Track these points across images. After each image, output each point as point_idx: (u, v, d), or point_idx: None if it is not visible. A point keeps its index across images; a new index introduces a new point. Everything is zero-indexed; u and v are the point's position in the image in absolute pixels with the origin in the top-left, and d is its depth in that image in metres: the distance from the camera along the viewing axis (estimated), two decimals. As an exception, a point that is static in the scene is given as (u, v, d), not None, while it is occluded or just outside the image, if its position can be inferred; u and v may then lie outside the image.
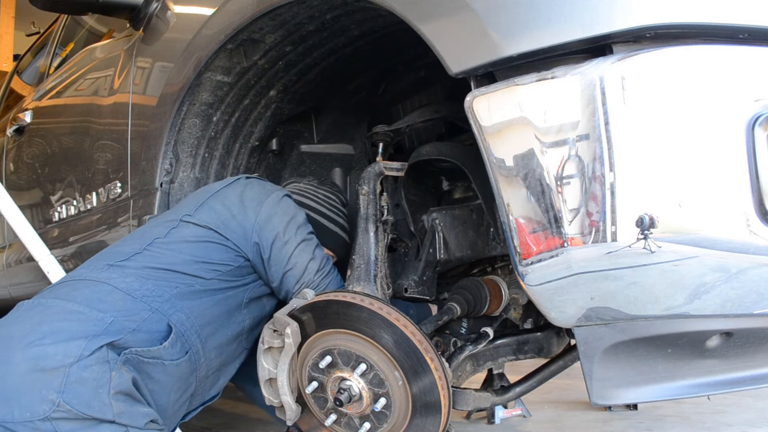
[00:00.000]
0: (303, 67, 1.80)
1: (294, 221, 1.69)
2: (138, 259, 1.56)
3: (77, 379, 1.30)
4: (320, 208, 1.87)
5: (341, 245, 1.89)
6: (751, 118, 1.01)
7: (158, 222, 1.72)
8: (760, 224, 1.00)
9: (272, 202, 1.69)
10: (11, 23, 6.66)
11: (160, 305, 1.48)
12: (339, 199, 1.95)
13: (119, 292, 1.46)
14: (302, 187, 1.91)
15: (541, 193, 1.10)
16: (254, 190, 1.72)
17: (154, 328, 1.45)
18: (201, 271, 1.57)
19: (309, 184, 1.93)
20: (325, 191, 1.93)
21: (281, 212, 1.69)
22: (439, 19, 1.19)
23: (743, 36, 1.04)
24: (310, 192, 1.90)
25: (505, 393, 1.84)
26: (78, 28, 3.25)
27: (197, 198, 1.74)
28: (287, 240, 1.66)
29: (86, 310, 1.39)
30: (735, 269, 1.03)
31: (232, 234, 1.64)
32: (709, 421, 2.87)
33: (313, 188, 1.92)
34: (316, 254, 1.70)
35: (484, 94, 1.15)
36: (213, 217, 1.66)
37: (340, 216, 1.91)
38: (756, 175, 1.00)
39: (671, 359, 1.22)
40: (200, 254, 1.60)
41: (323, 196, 1.91)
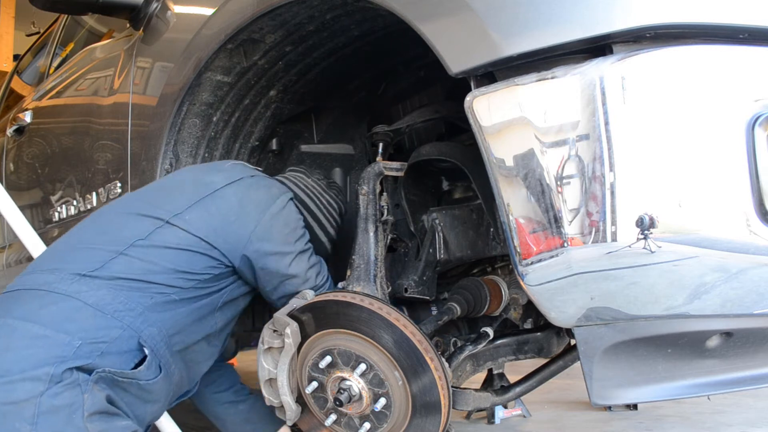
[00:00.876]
0: (303, 67, 1.80)
1: (294, 232, 1.64)
2: (113, 267, 1.45)
3: (48, 408, 1.26)
4: (319, 216, 1.81)
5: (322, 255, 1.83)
6: (751, 118, 1.01)
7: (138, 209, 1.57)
8: (760, 224, 1.00)
9: (275, 211, 1.61)
10: (11, 23, 6.66)
11: (131, 321, 1.41)
12: (339, 208, 1.89)
13: (89, 309, 1.38)
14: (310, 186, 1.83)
15: (541, 193, 1.10)
16: (258, 195, 1.63)
17: (125, 347, 1.40)
18: (180, 281, 1.49)
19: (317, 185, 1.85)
20: (329, 198, 1.85)
21: (282, 222, 1.62)
22: (439, 19, 1.19)
23: (743, 36, 1.04)
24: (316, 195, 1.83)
25: (505, 393, 1.84)
26: (78, 28, 3.25)
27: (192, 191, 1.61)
28: (287, 251, 1.60)
29: (52, 334, 1.32)
30: (735, 269, 1.03)
31: (222, 243, 1.54)
32: (709, 421, 2.87)
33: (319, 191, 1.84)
34: (313, 261, 1.66)
35: (484, 94, 1.15)
36: (205, 222, 1.55)
37: (333, 227, 1.85)
38: (756, 175, 1.00)
39: (671, 359, 1.22)
40: (182, 264, 1.50)
41: (326, 203, 1.83)
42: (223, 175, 1.66)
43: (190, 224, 1.53)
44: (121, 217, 1.58)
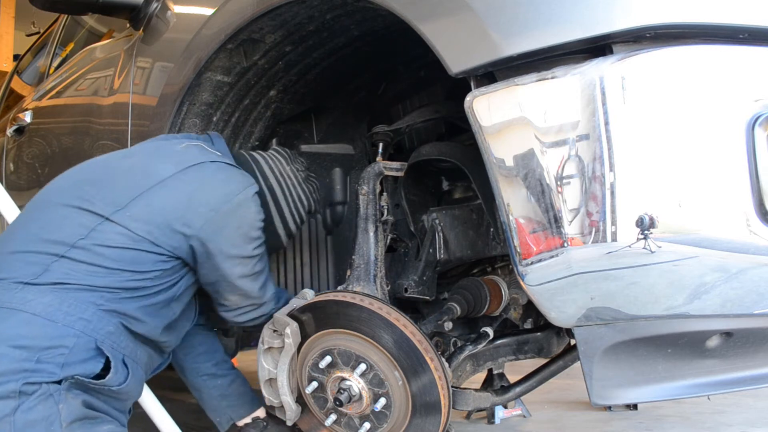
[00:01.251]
0: (303, 67, 1.80)
1: (248, 236, 1.51)
2: (55, 273, 1.36)
3: (24, 424, 1.24)
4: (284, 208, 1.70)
5: (273, 248, 1.75)
6: (751, 118, 1.01)
7: (78, 198, 1.45)
8: (760, 224, 1.00)
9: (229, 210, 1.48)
10: (11, 23, 6.66)
11: (84, 326, 1.35)
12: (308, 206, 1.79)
13: (38, 319, 1.31)
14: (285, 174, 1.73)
15: (541, 193, 1.10)
16: (212, 188, 1.48)
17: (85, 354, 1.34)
18: (128, 282, 1.41)
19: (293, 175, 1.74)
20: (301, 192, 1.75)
21: (236, 224, 1.49)
22: (439, 19, 1.19)
23: (743, 36, 1.04)
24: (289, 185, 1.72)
25: (505, 393, 1.84)
26: (78, 28, 3.25)
27: (136, 181, 1.47)
28: (233, 254, 1.49)
29: (8, 351, 1.27)
30: (735, 269, 1.03)
31: (167, 241, 1.44)
32: (709, 421, 2.87)
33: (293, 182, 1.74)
34: (258, 268, 1.55)
35: (484, 94, 1.15)
36: (147, 218, 1.42)
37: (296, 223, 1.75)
38: (756, 175, 1.00)
39: (671, 359, 1.22)
40: (128, 263, 1.41)
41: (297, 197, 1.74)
42: (174, 161, 1.52)
43: (132, 221, 1.42)
44: (59, 210, 1.46)
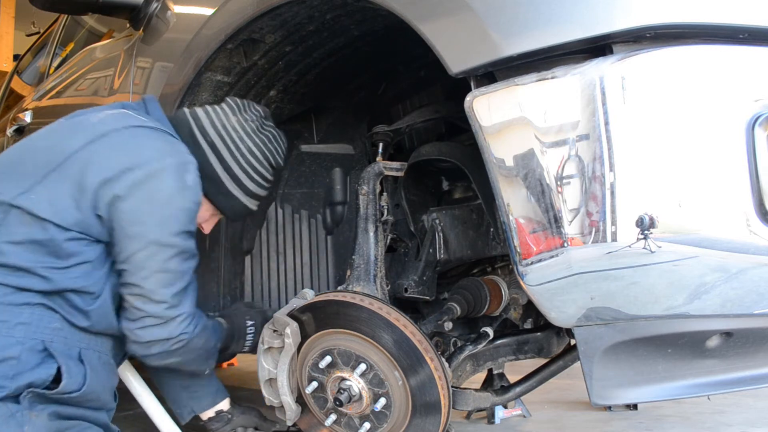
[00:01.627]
0: (303, 67, 1.80)
1: (162, 215, 1.29)
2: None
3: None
4: (233, 166, 1.49)
5: (237, 212, 1.56)
6: (751, 118, 1.01)
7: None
8: (760, 224, 1.00)
9: (137, 182, 1.27)
10: (11, 23, 6.66)
11: (24, 331, 1.25)
12: (268, 159, 1.56)
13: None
14: (230, 127, 1.52)
15: (541, 193, 1.10)
16: (119, 158, 1.29)
17: (35, 359, 1.24)
18: (52, 276, 1.27)
19: (243, 127, 1.53)
20: (253, 145, 1.53)
21: (145, 196, 1.28)
22: (439, 19, 1.19)
23: (743, 36, 1.04)
24: (235, 138, 1.51)
25: (505, 393, 1.84)
26: (78, 28, 3.25)
27: (46, 158, 1.31)
28: (140, 234, 1.29)
29: None
30: (735, 269, 1.03)
31: (74, 219, 1.28)
32: (709, 421, 2.87)
33: (242, 135, 1.52)
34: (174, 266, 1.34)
35: (484, 94, 1.15)
36: (50, 198, 1.26)
37: (258, 182, 1.54)
38: (756, 175, 1.00)
39: (671, 359, 1.22)
40: (42, 257, 1.27)
41: (246, 151, 1.51)
42: (86, 132, 1.35)
43: (35, 204, 1.27)
44: None
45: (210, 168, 1.48)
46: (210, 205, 1.55)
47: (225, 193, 1.52)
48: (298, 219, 2.16)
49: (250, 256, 2.11)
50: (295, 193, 2.16)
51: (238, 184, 1.53)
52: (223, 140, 1.51)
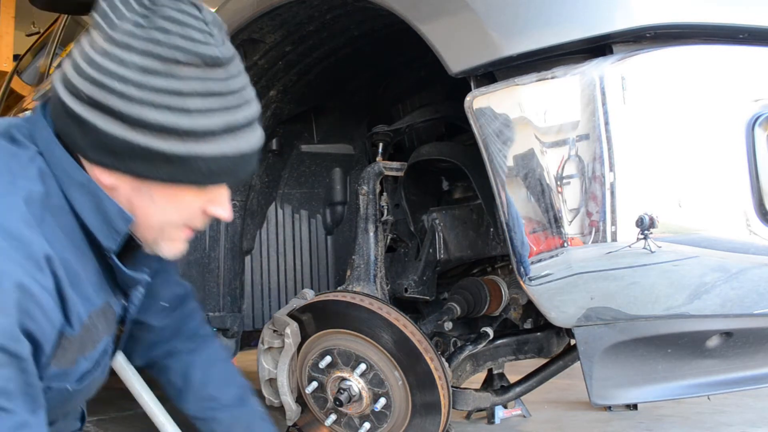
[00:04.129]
0: (303, 67, 1.80)
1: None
2: None
3: None
4: (130, 109, 0.92)
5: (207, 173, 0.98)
6: (751, 118, 1.01)
7: None
8: (760, 224, 1.00)
9: None
10: (11, 23, 6.67)
11: None
12: (180, 55, 0.93)
13: None
14: (101, 51, 0.94)
15: (541, 193, 1.10)
16: None
17: None
18: None
19: (118, 36, 0.94)
20: (143, 50, 0.93)
21: None
22: (439, 19, 1.19)
23: (743, 36, 1.04)
24: (113, 66, 0.93)
25: (505, 393, 1.84)
26: (78, 28, 3.25)
27: None
28: None
29: None
30: (735, 269, 1.03)
31: None
32: (709, 421, 2.87)
33: (119, 52, 0.93)
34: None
35: (484, 94, 1.15)
36: None
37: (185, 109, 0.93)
38: (756, 175, 1.00)
39: (671, 359, 1.22)
40: None
41: (137, 72, 0.92)
42: None
43: None
44: None
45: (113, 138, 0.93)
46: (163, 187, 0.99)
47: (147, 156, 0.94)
48: (298, 219, 2.16)
49: (250, 256, 2.11)
50: (295, 193, 2.16)
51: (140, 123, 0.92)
52: (100, 83, 0.93)
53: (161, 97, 0.92)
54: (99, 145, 0.95)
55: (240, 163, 1.00)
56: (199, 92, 0.95)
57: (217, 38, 0.98)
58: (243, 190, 2.02)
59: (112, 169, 0.97)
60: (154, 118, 0.92)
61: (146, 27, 0.94)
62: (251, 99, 1.04)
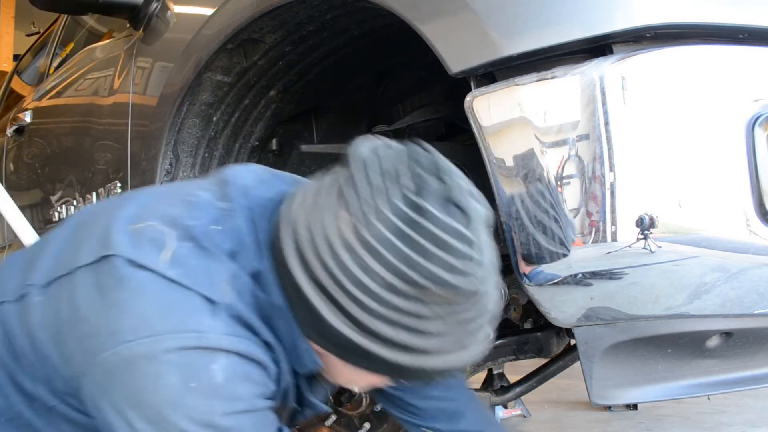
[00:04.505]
0: (303, 67, 1.80)
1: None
2: None
3: None
4: (358, 313, 0.85)
5: (410, 376, 0.93)
6: (750, 118, 1.01)
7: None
8: (760, 224, 1.00)
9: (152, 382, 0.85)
10: (11, 23, 6.66)
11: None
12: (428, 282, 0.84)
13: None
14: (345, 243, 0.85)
15: (541, 193, 1.10)
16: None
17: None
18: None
19: (378, 228, 0.84)
20: (390, 261, 0.83)
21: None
22: (439, 19, 1.19)
23: (743, 36, 1.04)
24: (357, 260, 0.84)
25: (505, 393, 1.84)
26: (78, 28, 3.25)
27: (62, 256, 0.98)
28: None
29: None
30: (735, 269, 1.03)
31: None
32: (709, 421, 2.87)
33: (374, 247, 0.84)
34: None
35: (484, 94, 1.15)
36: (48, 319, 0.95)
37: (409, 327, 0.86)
38: (756, 175, 1.00)
39: (671, 359, 1.22)
40: None
41: (380, 276, 0.84)
42: (112, 240, 0.92)
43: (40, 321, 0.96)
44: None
45: (337, 333, 0.88)
46: (357, 370, 0.95)
47: (366, 355, 0.89)
48: (298, 219, 2.15)
49: (250, 256, 2.10)
50: (295, 193, 2.15)
51: (361, 328, 0.87)
52: (338, 281, 0.86)
53: (401, 316, 0.85)
54: (319, 329, 0.90)
55: (460, 367, 0.96)
56: (444, 318, 0.87)
57: (481, 261, 0.89)
58: (243, 190, 2.02)
59: (324, 348, 0.94)
60: (388, 333, 0.86)
61: (405, 242, 0.83)
62: (493, 308, 0.95)
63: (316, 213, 0.89)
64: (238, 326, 0.91)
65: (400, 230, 0.83)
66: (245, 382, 0.89)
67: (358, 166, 0.89)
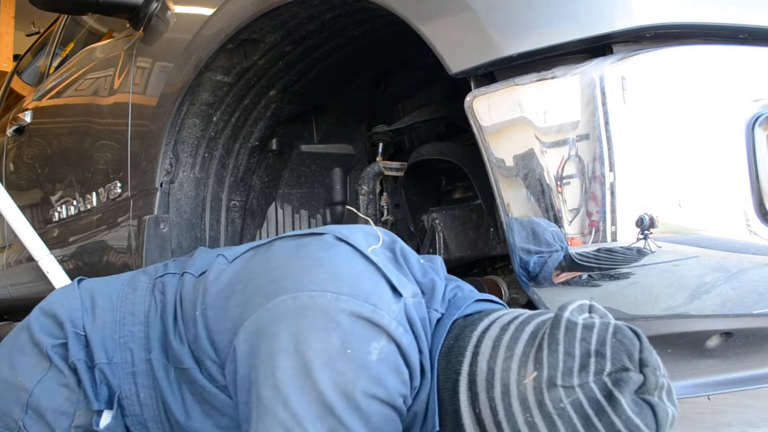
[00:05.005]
0: (303, 67, 1.80)
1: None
2: None
3: None
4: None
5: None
6: (750, 118, 1.01)
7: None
8: (760, 224, 1.00)
9: None
10: (11, 23, 6.65)
11: None
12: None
13: None
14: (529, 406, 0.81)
15: (541, 193, 1.10)
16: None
17: None
18: None
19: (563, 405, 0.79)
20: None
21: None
22: (439, 19, 1.19)
23: (743, 36, 1.04)
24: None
25: (505, 393, 1.84)
26: (78, 28, 3.25)
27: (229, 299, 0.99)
28: None
29: None
30: (735, 269, 1.03)
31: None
32: (709, 421, 2.87)
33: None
34: None
35: (484, 94, 1.15)
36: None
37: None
38: (756, 175, 1.00)
39: (671, 359, 1.22)
40: None
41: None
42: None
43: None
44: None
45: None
46: None
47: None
48: (298, 219, 2.16)
49: (250, 256, 2.10)
50: (295, 193, 2.16)
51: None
52: (496, 417, 0.85)
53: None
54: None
55: None
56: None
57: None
58: (243, 190, 2.02)
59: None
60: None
61: (583, 422, 0.78)
62: None
63: (507, 358, 0.87)
64: (408, 324, 0.93)
65: (584, 410, 0.78)
66: (394, 373, 0.89)
67: (564, 330, 0.84)
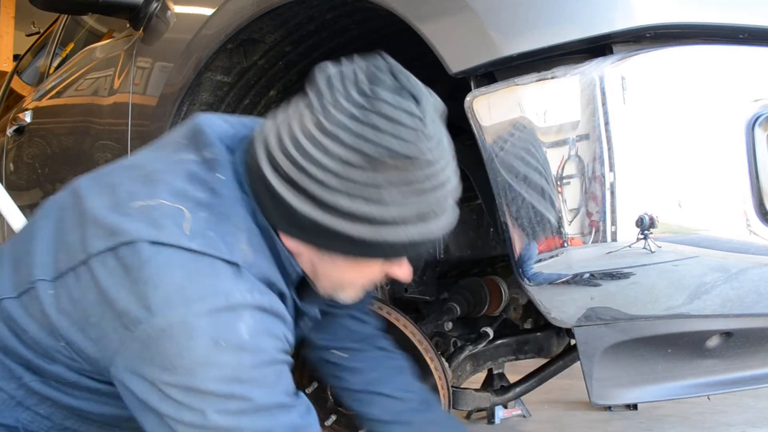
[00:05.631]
0: (303, 67, 1.80)
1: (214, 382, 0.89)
2: None
3: None
4: (325, 195, 0.93)
5: (398, 249, 0.99)
6: (750, 118, 1.01)
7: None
8: (760, 224, 1.00)
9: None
10: (11, 23, 6.66)
11: None
12: (376, 154, 0.91)
13: None
14: (308, 134, 0.94)
15: (541, 193, 1.10)
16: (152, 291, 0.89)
17: None
18: None
19: (331, 121, 0.92)
20: (347, 144, 0.91)
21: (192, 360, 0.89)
22: (439, 19, 1.19)
23: (743, 36, 1.04)
24: (316, 152, 0.92)
25: (505, 393, 1.84)
26: (78, 28, 3.25)
27: (62, 249, 0.99)
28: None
29: None
30: (735, 269, 1.03)
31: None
32: (709, 421, 2.87)
33: (329, 137, 0.92)
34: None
35: (484, 94, 1.15)
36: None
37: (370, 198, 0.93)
38: (756, 175, 1.00)
39: (671, 359, 1.22)
40: None
41: (338, 162, 0.92)
42: (134, 224, 0.94)
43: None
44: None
45: (302, 216, 0.96)
46: (345, 257, 1.02)
47: (332, 235, 0.96)
48: (298, 219, 2.15)
49: (250, 256, 2.10)
50: (295, 193, 2.15)
51: (340, 213, 0.94)
52: (300, 166, 0.94)
53: (358, 188, 0.93)
54: (287, 218, 0.98)
55: (427, 243, 1.02)
56: (399, 186, 0.94)
57: (431, 134, 0.96)
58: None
59: (296, 239, 1.02)
60: (348, 206, 0.93)
61: (359, 122, 0.92)
62: (453, 186, 1.03)
63: (285, 121, 0.99)
64: (258, 282, 0.97)
65: (353, 114, 0.92)
66: (268, 337, 0.95)
67: (321, 76, 0.99)
